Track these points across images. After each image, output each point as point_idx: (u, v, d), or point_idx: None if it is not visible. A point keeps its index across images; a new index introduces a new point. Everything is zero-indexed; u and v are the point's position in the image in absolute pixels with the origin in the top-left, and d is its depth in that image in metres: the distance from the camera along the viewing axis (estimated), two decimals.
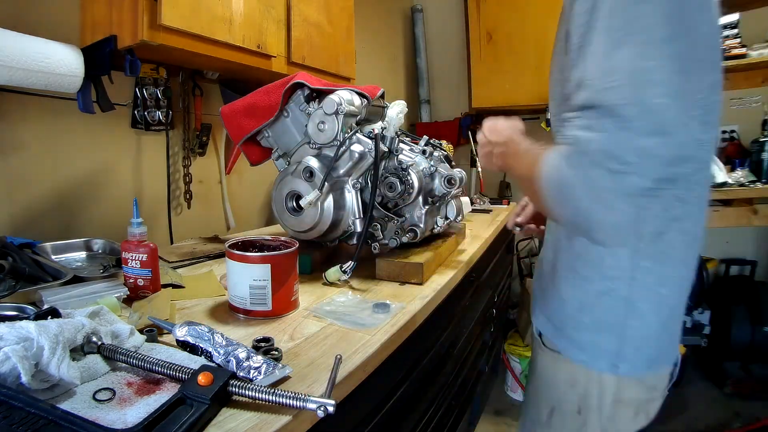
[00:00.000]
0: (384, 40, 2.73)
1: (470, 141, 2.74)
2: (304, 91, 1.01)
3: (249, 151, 1.13)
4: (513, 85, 2.51)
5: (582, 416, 0.69)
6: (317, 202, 0.93)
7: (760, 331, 2.11)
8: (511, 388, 2.23)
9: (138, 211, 0.78)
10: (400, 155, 0.99)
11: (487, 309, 1.58)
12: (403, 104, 1.02)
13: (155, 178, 1.36)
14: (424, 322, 0.82)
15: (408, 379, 0.82)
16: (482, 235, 1.37)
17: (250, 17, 1.17)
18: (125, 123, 1.25)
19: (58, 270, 0.82)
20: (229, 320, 0.70)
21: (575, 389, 0.69)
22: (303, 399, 0.44)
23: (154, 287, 0.79)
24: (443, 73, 3.07)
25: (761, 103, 2.15)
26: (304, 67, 1.39)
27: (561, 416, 0.72)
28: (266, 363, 0.52)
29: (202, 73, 1.40)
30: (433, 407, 0.99)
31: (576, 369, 0.69)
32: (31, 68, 0.87)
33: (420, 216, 0.99)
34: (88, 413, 0.44)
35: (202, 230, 1.49)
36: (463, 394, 1.32)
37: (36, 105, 1.05)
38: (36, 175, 1.07)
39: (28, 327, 0.46)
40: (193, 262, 1.07)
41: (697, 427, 1.95)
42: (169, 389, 0.49)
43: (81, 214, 1.17)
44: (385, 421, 0.73)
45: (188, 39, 1.03)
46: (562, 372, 0.71)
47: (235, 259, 0.70)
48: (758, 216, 1.95)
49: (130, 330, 0.57)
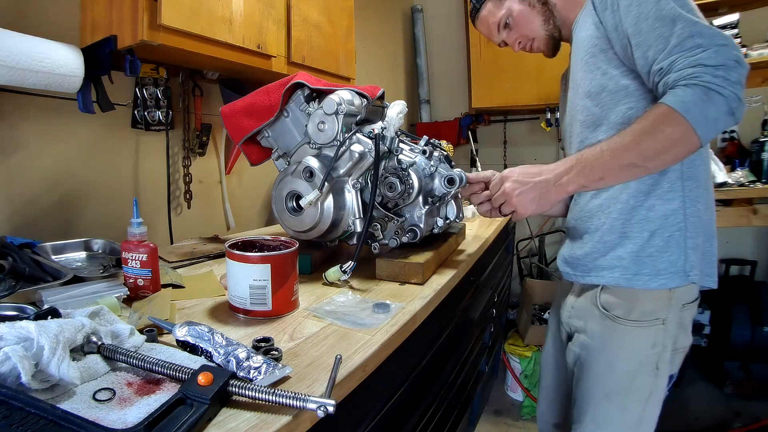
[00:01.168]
0: (384, 40, 2.73)
1: (470, 141, 2.74)
2: (304, 91, 1.01)
3: (249, 151, 1.13)
4: (513, 85, 2.51)
5: (659, 370, 0.84)
6: (317, 202, 0.93)
7: (760, 331, 2.11)
8: (511, 388, 2.23)
9: (138, 211, 0.78)
10: (400, 155, 0.99)
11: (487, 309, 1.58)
12: (403, 104, 1.02)
13: (155, 178, 1.36)
14: (424, 322, 0.81)
15: (408, 379, 0.82)
16: (482, 235, 1.37)
17: (250, 17, 1.17)
18: (125, 123, 1.25)
19: (58, 270, 0.82)
20: (229, 320, 0.70)
21: (656, 348, 0.83)
22: (303, 399, 0.44)
23: (154, 287, 0.79)
24: (443, 73, 3.07)
25: (761, 103, 2.15)
26: (304, 67, 1.39)
27: (643, 376, 0.84)
28: (266, 363, 0.52)
29: (202, 73, 1.40)
30: (433, 407, 0.99)
31: (655, 331, 0.83)
32: (31, 68, 0.87)
33: (420, 216, 0.99)
34: (88, 413, 0.44)
35: (202, 230, 1.49)
36: (463, 394, 1.32)
37: (36, 105, 1.05)
38: (36, 175, 1.07)
39: (28, 327, 0.46)
40: (193, 262, 1.07)
41: (697, 427, 1.95)
42: (169, 389, 0.49)
43: (81, 214, 1.17)
44: (385, 421, 0.73)
45: (188, 39, 1.03)
46: (643, 338, 0.84)
47: (235, 259, 0.70)
48: (758, 216, 1.95)
49: (130, 330, 0.57)
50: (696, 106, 0.69)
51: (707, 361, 2.30)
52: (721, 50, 0.69)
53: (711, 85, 0.68)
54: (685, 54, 0.71)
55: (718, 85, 0.67)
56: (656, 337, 0.84)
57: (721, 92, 0.67)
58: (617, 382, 0.86)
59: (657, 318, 0.83)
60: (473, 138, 2.79)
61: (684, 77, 0.70)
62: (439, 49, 3.07)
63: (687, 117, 0.69)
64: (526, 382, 2.13)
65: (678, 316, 0.84)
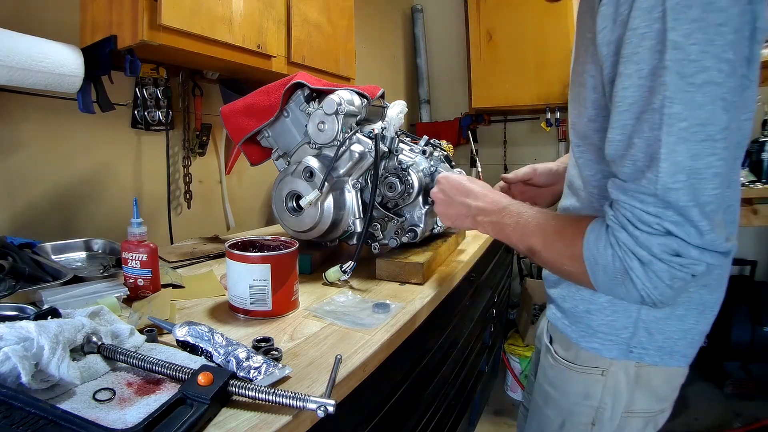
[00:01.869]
0: (384, 40, 2.73)
1: (470, 141, 2.74)
2: (304, 91, 1.01)
3: (249, 151, 1.13)
4: (513, 85, 2.51)
5: (596, 428, 0.69)
6: (317, 202, 0.93)
7: (760, 331, 2.11)
8: (511, 388, 2.23)
9: (138, 211, 0.78)
10: (400, 155, 0.99)
11: (487, 309, 1.58)
12: (403, 104, 1.02)
13: (155, 178, 1.36)
14: (424, 322, 0.82)
15: (408, 379, 0.82)
16: (482, 235, 1.37)
17: (250, 17, 1.17)
18: (125, 123, 1.25)
19: (58, 270, 0.82)
20: (229, 320, 0.70)
21: (589, 401, 0.68)
22: (303, 399, 0.44)
23: (154, 287, 0.79)
24: (443, 73, 3.07)
25: (761, 103, 2.15)
26: (304, 67, 1.39)
27: (572, 428, 0.71)
28: (266, 363, 0.52)
29: (202, 73, 1.40)
30: (433, 407, 0.99)
31: (591, 380, 0.68)
32: (31, 68, 0.87)
33: (420, 216, 0.99)
34: (88, 413, 0.44)
35: (202, 230, 1.49)
36: (463, 394, 1.32)
37: (36, 105, 1.05)
38: (36, 175, 1.07)
39: (28, 327, 0.46)
40: (193, 262, 1.07)
41: (697, 427, 1.95)
42: (169, 389, 0.49)
43: (81, 214, 1.17)
44: (385, 421, 0.73)
45: (188, 39, 1.03)
46: (575, 384, 0.70)
47: (235, 259, 0.70)
48: (758, 216, 1.95)
49: (130, 330, 0.57)
50: (605, 276, 0.53)
51: (707, 361, 2.30)
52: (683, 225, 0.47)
53: (634, 269, 0.50)
54: (633, 194, 0.50)
55: (645, 275, 0.49)
56: (590, 389, 0.68)
57: (642, 283, 0.50)
58: (547, 424, 0.75)
59: (595, 366, 0.67)
60: (473, 138, 2.79)
61: (618, 225, 0.51)
62: (439, 49, 3.07)
63: (591, 277, 0.54)
64: (526, 382, 2.12)
65: (632, 368, 0.65)
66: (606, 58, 0.53)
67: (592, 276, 0.54)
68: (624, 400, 0.67)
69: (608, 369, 0.66)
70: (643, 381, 0.66)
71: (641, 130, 0.48)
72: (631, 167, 0.50)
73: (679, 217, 0.47)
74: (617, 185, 0.52)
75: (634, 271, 0.50)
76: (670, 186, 0.46)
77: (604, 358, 0.66)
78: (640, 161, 0.49)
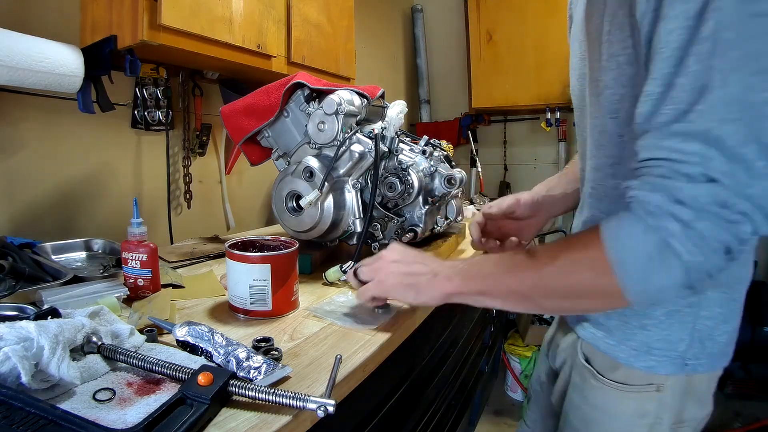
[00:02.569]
0: (384, 40, 2.73)
1: (470, 141, 2.74)
2: (304, 91, 1.01)
3: (249, 151, 1.13)
4: (513, 85, 2.51)
5: None
6: (317, 202, 0.93)
7: (760, 331, 2.11)
8: (511, 388, 2.23)
9: (138, 211, 0.78)
10: (400, 155, 0.99)
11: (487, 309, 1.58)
12: (403, 104, 1.02)
13: (155, 178, 1.36)
14: (424, 322, 0.82)
15: (408, 379, 0.82)
16: None
17: (250, 17, 1.17)
18: (125, 123, 1.25)
19: (58, 270, 0.82)
20: (229, 320, 0.70)
21: (645, 419, 0.64)
22: (303, 399, 0.44)
23: (154, 287, 0.79)
24: (443, 73, 3.07)
25: None
26: (304, 67, 1.39)
27: None
28: (266, 363, 0.52)
29: (202, 73, 1.40)
30: (433, 407, 0.99)
31: (645, 398, 0.64)
32: (31, 68, 0.87)
33: (420, 216, 0.99)
34: (88, 413, 0.44)
35: (202, 230, 1.49)
36: (463, 394, 1.32)
37: (36, 105, 1.05)
38: (36, 175, 1.07)
39: (28, 327, 0.46)
40: (193, 262, 1.07)
41: None
42: (169, 389, 0.49)
43: (81, 214, 1.17)
44: (385, 421, 0.73)
45: (188, 39, 1.03)
46: (628, 404, 0.65)
47: (235, 259, 0.70)
48: None
49: (130, 330, 0.57)
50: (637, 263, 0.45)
51: None
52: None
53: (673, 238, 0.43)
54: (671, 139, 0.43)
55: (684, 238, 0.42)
56: (645, 406, 0.64)
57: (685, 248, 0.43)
58: None
59: (650, 383, 0.63)
60: (473, 138, 2.79)
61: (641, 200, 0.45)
62: (439, 49, 3.07)
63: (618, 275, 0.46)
64: (526, 382, 2.13)
65: (683, 380, 0.62)
66: (645, 15, 0.47)
67: (621, 272, 0.45)
68: (676, 412, 0.64)
69: (664, 384, 0.62)
70: (692, 389, 0.63)
71: (686, 67, 0.42)
72: (671, 112, 0.43)
73: (726, 159, 0.40)
74: (649, 138, 0.46)
75: (675, 237, 0.42)
76: (725, 116, 0.40)
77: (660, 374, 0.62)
78: (683, 102, 0.42)
